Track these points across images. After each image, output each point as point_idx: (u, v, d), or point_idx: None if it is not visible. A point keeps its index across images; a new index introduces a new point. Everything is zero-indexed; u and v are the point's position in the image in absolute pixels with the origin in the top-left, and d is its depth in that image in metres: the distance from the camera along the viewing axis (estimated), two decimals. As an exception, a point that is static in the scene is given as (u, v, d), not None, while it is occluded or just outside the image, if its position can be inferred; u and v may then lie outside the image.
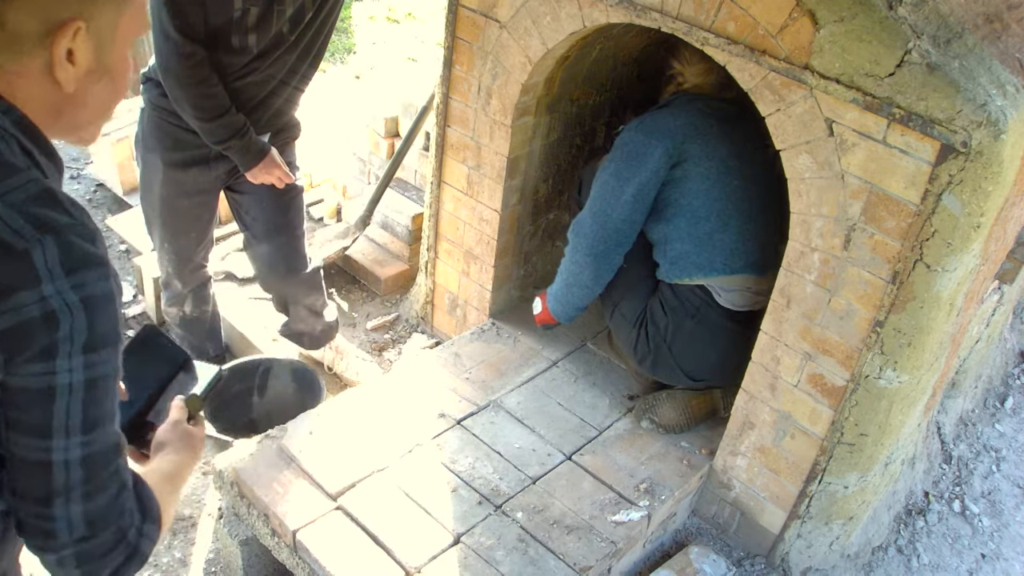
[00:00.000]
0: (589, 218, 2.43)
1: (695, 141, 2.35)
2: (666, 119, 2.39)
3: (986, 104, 1.75)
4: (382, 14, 6.26)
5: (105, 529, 1.03)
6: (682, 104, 2.44)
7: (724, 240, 2.38)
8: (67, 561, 1.03)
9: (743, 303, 2.42)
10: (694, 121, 2.37)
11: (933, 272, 1.91)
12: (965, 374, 3.14)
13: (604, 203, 2.40)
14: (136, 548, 1.07)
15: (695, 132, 2.35)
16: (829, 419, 2.21)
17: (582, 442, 2.51)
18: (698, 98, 2.45)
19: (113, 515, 1.04)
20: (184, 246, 2.74)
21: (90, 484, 1.00)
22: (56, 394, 0.95)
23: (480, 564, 2.12)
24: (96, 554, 1.03)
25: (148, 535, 1.08)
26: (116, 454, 1.04)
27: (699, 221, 2.37)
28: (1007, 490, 3.13)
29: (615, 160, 2.40)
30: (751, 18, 1.96)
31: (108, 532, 1.03)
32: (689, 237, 2.39)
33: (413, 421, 2.49)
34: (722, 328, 2.43)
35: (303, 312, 2.96)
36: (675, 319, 2.45)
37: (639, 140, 2.37)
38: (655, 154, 2.33)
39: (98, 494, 1.01)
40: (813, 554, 2.48)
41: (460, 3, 2.56)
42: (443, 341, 3.08)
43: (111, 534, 1.03)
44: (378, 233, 3.74)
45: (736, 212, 2.37)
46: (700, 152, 2.35)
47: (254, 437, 2.38)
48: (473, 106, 2.68)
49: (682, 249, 2.40)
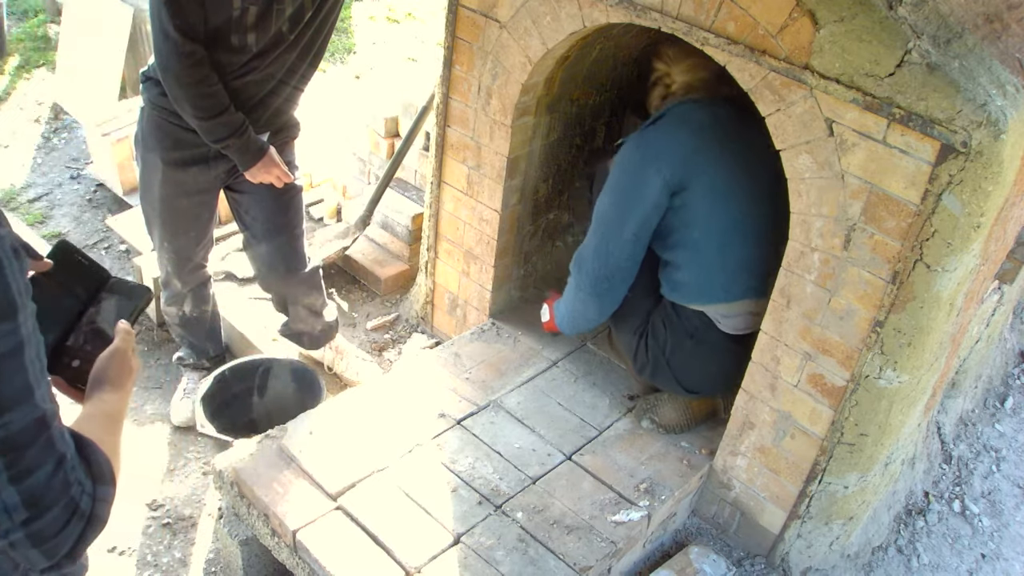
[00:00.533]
0: (591, 256, 2.39)
1: (696, 166, 2.26)
2: (665, 140, 2.29)
3: (986, 104, 1.75)
4: (382, 14, 6.26)
5: (52, 506, 0.99)
6: (679, 118, 2.32)
7: (724, 269, 2.33)
8: (21, 543, 1.00)
9: (744, 326, 2.39)
10: (694, 142, 2.27)
11: (933, 272, 1.91)
12: (965, 374, 3.14)
13: (605, 240, 2.35)
14: (93, 514, 1.04)
15: (695, 156, 2.26)
16: (829, 419, 2.21)
17: (582, 442, 2.51)
18: (694, 107, 2.33)
19: (55, 491, 1.00)
20: (184, 246, 2.74)
21: (16, 467, 0.96)
22: None
23: (480, 564, 2.12)
24: (49, 532, 1.00)
25: (103, 498, 1.05)
26: (41, 430, 0.98)
27: (699, 251, 2.32)
28: (1007, 490, 3.13)
29: (615, 189, 2.33)
30: (751, 18, 1.96)
31: (57, 508, 1.00)
32: (688, 267, 2.35)
33: (413, 421, 2.49)
34: (722, 348, 2.43)
35: (303, 312, 2.96)
36: (675, 337, 2.44)
37: (637, 165, 2.28)
38: (655, 186, 2.26)
39: (29, 475, 0.97)
40: (813, 554, 2.48)
41: (460, 3, 2.56)
42: (443, 341, 3.08)
43: (60, 509, 1.00)
44: (378, 233, 3.74)
45: (737, 240, 2.32)
46: (701, 180, 2.26)
47: (254, 437, 2.38)
48: (473, 106, 2.68)
49: (681, 278, 2.38)
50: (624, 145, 2.37)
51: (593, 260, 2.40)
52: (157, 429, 2.98)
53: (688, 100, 2.36)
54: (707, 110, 2.33)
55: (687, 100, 2.36)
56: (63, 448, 1.01)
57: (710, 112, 2.33)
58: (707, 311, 2.39)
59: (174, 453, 2.89)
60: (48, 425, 0.99)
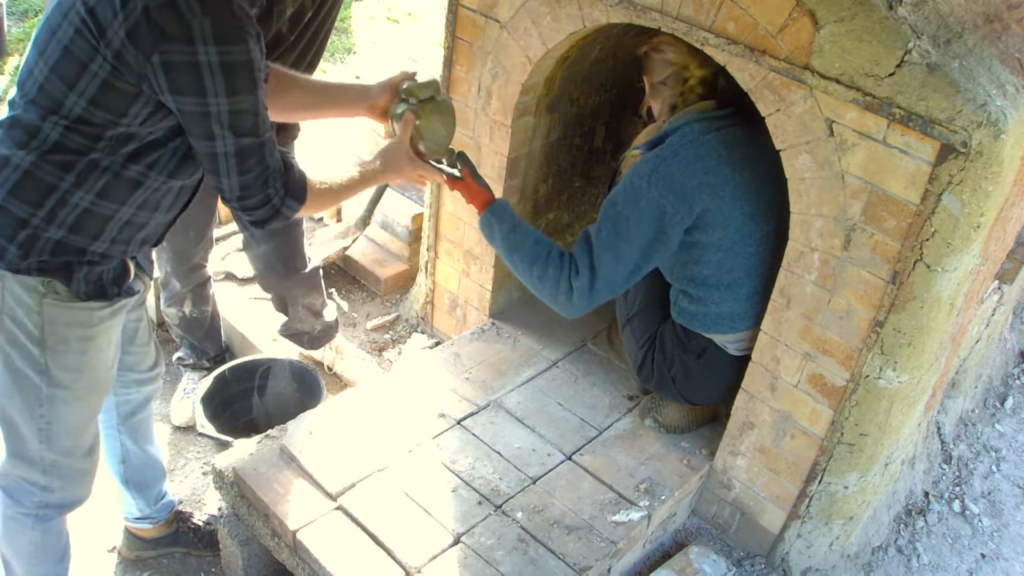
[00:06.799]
0: (603, 284, 2.23)
1: (711, 204, 2.16)
2: (679, 172, 2.15)
3: (986, 104, 1.75)
4: (382, 14, 6.26)
5: (255, 195, 1.67)
6: (692, 145, 2.18)
7: (735, 301, 2.30)
8: (235, 210, 1.70)
9: (751, 347, 2.36)
10: (708, 180, 2.15)
11: (933, 272, 1.91)
12: (965, 374, 3.14)
13: (614, 271, 2.22)
14: (278, 210, 1.72)
15: (710, 193, 2.15)
16: (829, 419, 2.21)
17: (582, 442, 2.51)
18: (705, 128, 2.20)
19: (257, 187, 1.66)
20: (183, 245, 2.74)
21: (240, 167, 1.62)
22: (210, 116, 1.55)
23: (480, 564, 2.12)
24: (250, 206, 1.69)
25: (289, 205, 1.73)
26: (259, 150, 1.62)
27: (708, 289, 2.29)
28: (1007, 490, 3.13)
29: (627, 219, 2.18)
30: (751, 18, 1.96)
31: (257, 196, 1.67)
32: (698, 301, 2.32)
33: (413, 421, 2.49)
34: (728, 368, 2.42)
35: (303, 312, 2.96)
36: (682, 356, 2.42)
37: (654, 201, 2.15)
38: (675, 228, 2.16)
39: (246, 173, 1.63)
40: (813, 554, 2.48)
41: (460, 3, 2.56)
42: (443, 341, 3.09)
43: (259, 198, 1.68)
44: (378, 233, 3.74)
45: (747, 278, 2.27)
46: (715, 218, 2.18)
47: (254, 437, 2.38)
48: (473, 106, 2.68)
49: (690, 308, 2.35)
50: (636, 173, 2.20)
51: (604, 287, 2.24)
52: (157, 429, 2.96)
53: (698, 118, 2.23)
54: (718, 134, 2.20)
55: (697, 119, 2.23)
56: (270, 163, 1.66)
57: (721, 137, 2.20)
58: (715, 339, 2.39)
59: (174, 453, 2.89)
60: (264, 147, 1.63)
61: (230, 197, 1.67)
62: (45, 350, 1.76)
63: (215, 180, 1.66)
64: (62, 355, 1.78)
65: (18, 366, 1.78)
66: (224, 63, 1.49)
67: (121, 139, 1.60)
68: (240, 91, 1.54)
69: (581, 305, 2.26)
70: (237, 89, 1.53)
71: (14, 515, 1.99)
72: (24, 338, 1.74)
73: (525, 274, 2.30)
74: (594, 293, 2.24)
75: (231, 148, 1.59)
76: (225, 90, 1.51)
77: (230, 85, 1.51)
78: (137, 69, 1.49)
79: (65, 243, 1.67)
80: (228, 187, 1.65)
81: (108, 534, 2.57)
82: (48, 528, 2.03)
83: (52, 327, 1.74)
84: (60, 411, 1.85)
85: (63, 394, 1.83)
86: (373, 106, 2.12)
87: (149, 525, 2.45)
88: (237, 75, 1.52)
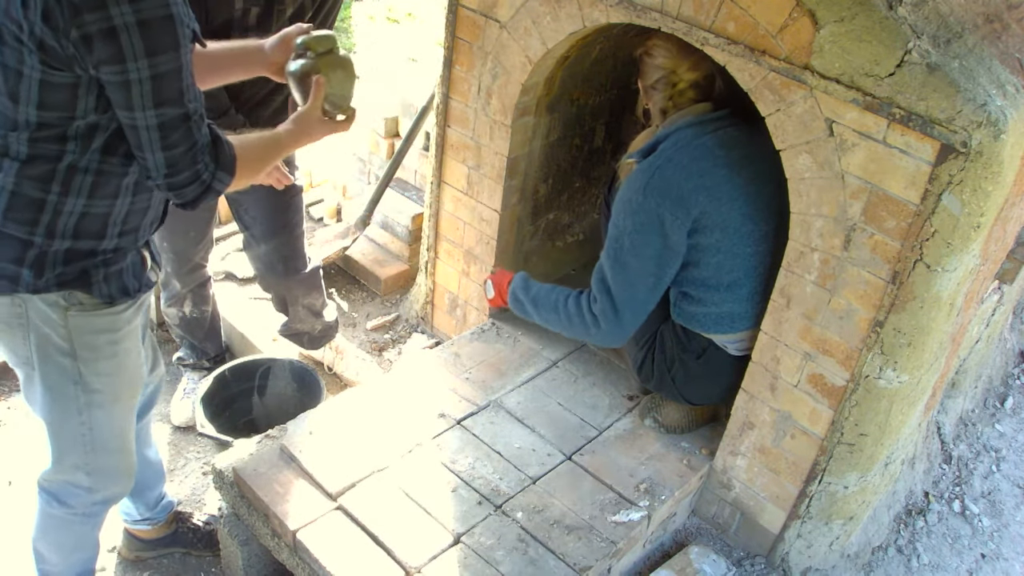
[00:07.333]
0: (625, 304, 2.29)
1: (708, 207, 2.18)
2: (674, 178, 2.17)
3: (986, 104, 1.75)
4: (382, 14, 6.26)
5: (183, 171, 1.57)
6: (687, 148, 2.20)
7: (736, 302, 2.31)
8: (163, 187, 1.59)
9: (751, 347, 2.36)
10: (705, 183, 2.17)
11: (933, 272, 1.91)
12: (965, 374, 3.14)
13: (632, 288, 2.28)
14: (209, 185, 1.62)
15: (707, 196, 2.17)
16: (829, 419, 2.21)
17: (582, 442, 2.51)
18: (699, 132, 2.22)
19: (186, 162, 1.56)
20: (183, 246, 2.74)
21: (165, 141, 1.52)
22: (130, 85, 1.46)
23: (480, 564, 2.12)
24: (178, 184, 1.59)
25: (220, 179, 1.64)
26: (184, 122, 1.52)
27: (708, 290, 2.29)
28: (1007, 490, 3.13)
29: (631, 232, 2.22)
30: (751, 18, 1.96)
31: (185, 173, 1.57)
32: (698, 302, 2.32)
33: (413, 421, 2.49)
34: (728, 368, 2.42)
35: (303, 312, 2.96)
36: (682, 356, 2.42)
37: (652, 212, 2.18)
38: (677, 233, 2.19)
39: (172, 148, 1.53)
40: (813, 554, 2.48)
41: (460, 3, 2.56)
42: (443, 341, 3.08)
43: (188, 175, 1.58)
44: (378, 233, 3.74)
45: (746, 278, 2.28)
46: (713, 220, 2.19)
47: (254, 437, 2.38)
48: (473, 106, 2.68)
49: (691, 309, 2.35)
50: (631, 187, 2.23)
51: (629, 315, 2.32)
52: (157, 429, 2.97)
53: (692, 121, 2.25)
54: (714, 136, 2.22)
55: (690, 123, 2.24)
56: (198, 138, 1.56)
57: (717, 139, 2.22)
58: (715, 339, 2.39)
59: (174, 453, 2.89)
60: (190, 119, 1.53)
61: (156, 176, 1.56)
62: (77, 360, 1.76)
63: (140, 157, 1.55)
64: (94, 363, 1.78)
65: (53, 381, 1.79)
66: (141, 21, 1.40)
67: (86, 135, 1.56)
68: (160, 50, 1.43)
69: (612, 330, 2.35)
70: (156, 48, 1.42)
71: (61, 515, 2.02)
72: (55, 353, 1.75)
73: (556, 322, 2.48)
74: (620, 315, 2.32)
75: (152, 120, 1.49)
76: (145, 51, 1.41)
77: (149, 44, 1.41)
78: (63, 53, 1.43)
79: (74, 250, 1.66)
80: (153, 164, 1.54)
81: (108, 534, 2.57)
82: (97, 523, 2.11)
83: (80, 337, 1.74)
84: (99, 416, 1.86)
85: (100, 399, 1.84)
86: (270, 63, 1.99)
87: (148, 526, 2.45)
88: (156, 32, 1.42)
